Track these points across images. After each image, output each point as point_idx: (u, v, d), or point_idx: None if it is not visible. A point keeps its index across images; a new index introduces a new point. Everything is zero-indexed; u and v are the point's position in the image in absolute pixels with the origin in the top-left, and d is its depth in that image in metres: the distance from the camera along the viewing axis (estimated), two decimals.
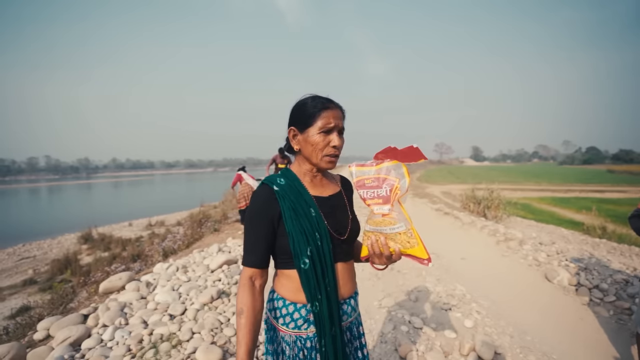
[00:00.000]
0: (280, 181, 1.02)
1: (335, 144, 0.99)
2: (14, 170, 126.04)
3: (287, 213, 0.97)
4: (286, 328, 1.00)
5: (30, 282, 6.77)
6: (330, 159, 1.01)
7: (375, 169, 0.97)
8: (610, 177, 30.40)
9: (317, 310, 0.97)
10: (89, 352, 2.32)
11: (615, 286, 3.23)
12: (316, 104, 0.99)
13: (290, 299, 1.01)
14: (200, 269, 3.94)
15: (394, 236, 0.92)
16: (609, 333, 2.67)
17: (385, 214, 0.93)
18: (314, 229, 0.97)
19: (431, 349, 2.35)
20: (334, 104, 1.01)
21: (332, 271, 0.99)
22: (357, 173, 0.99)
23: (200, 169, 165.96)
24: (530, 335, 2.60)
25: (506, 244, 5.02)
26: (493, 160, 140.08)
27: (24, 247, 10.95)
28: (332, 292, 0.99)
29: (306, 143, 1.00)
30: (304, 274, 0.96)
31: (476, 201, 8.43)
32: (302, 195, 1.01)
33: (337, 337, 0.99)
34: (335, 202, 1.08)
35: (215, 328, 2.56)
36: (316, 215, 1.00)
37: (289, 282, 1.01)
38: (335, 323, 0.99)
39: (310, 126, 0.99)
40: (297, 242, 0.95)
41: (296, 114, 1.02)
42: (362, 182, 0.98)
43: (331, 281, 0.99)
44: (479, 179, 20.91)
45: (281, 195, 0.99)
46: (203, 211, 9.38)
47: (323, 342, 0.97)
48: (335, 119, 0.98)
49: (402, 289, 3.36)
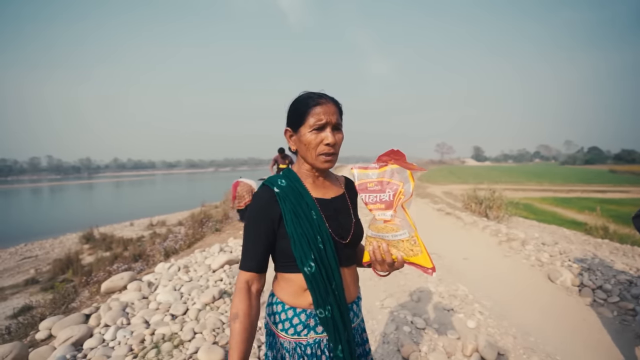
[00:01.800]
0: (282, 182, 0.99)
1: (328, 141, 0.93)
2: (16, 170, 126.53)
3: (287, 216, 0.93)
4: (285, 334, 0.97)
5: (32, 282, 6.79)
6: (325, 158, 0.96)
7: (378, 172, 0.93)
8: (612, 178, 30.29)
9: (329, 314, 0.93)
10: (91, 352, 2.31)
11: (619, 287, 3.21)
12: (307, 102, 0.94)
13: (290, 304, 0.97)
14: (202, 269, 3.93)
15: (397, 243, 0.88)
16: (613, 334, 2.65)
17: (387, 220, 0.89)
18: (315, 233, 0.94)
19: (434, 349, 2.34)
20: (326, 99, 0.95)
21: (339, 275, 0.96)
22: (359, 176, 0.95)
23: (202, 169, 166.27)
24: (533, 336, 2.58)
25: (508, 244, 5.00)
26: (494, 160, 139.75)
27: (26, 247, 10.99)
28: (340, 296, 0.95)
29: (300, 143, 0.97)
30: (311, 278, 0.92)
31: (478, 201, 8.41)
32: (304, 197, 0.98)
33: (352, 342, 0.96)
34: (338, 204, 1.04)
35: (217, 328, 2.56)
36: (317, 218, 0.96)
37: (288, 286, 0.98)
38: (348, 328, 0.96)
39: (301, 125, 0.95)
40: (300, 245, 0.92)
41: (289, 113, 0.99)
42: (365, 186, 0.94)
43: (339, 285, 0.95)
44: (480, 179, 20.88)
45: (282, 198, 0.95)
46: (204, 211, 9.39)
47: (340, 348, 0.93)
48: (327, 115, 0.93)
49: (404, 290, 3.35)
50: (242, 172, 12.14)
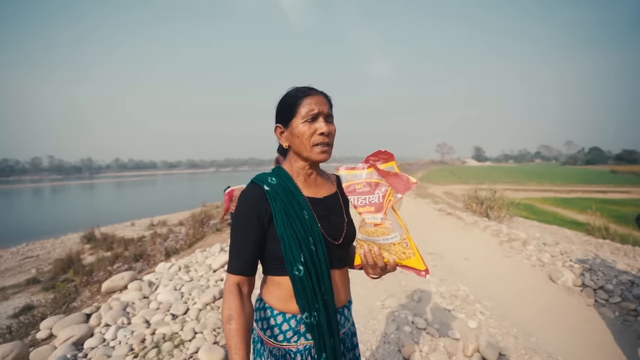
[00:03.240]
0: (272, 180, 0.95)
1: (322, 130, 0.91)
2: (17, 170, 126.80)
3: (278, 215, 0.89)
4: (274, 341, 0.93)
5: (34, 282, 6.80)
6: (322, 149, 0.93)
7: (366, 173, 0.89)
8: (613, 178, 30.24)
9: (315, 321, 0.89)
10: (92, 352, 2.32)
11: (621, 287, 3.20)
12: (296, 94, 0.93)
13: (279, 309, 0.93)
14: (203, 269, 3.93)
15: (388, 247, 0.86)
16: (615, 334, 2.64)
17: (378, 223, 0.85)
18: (307, 233, 0.90)
19: (435, 349, 2.33)
20: (315, 91, 0.94)
21: (329, 278, 0.92)
22: (346, 177, 0.91)
23: (203, 169, 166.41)
24: (534, 336, 2.58)
25: (509, 244, 4.99)
26: (495, 160, 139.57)
27: (28, 247, 11.01)
28: (329, 301, 0.92)
29: (292, 136, 0.93)
30: (298, 282, 0.88)
31: (479, 201, 8.41)
32: (295, 196, 0.94)
33: (337, 349, 0.93)
34: (330, 204, 1.01)
35: (217, 328, 2.56)
36: (309, 218, 0.92)
37: (278, 290, 0.93)
38: (334, 334, 0.92)
39: (293, 117, 0.92)
40: (289, 247, 0.88)
41: (278, 109, 0.97)
42: (353, 188, 0.89)
43: (328, 289, 0.92)
44: (481, 179, 20.86)
45: (272, 196, 0.91)
46: (205, 211, 9.40)
47: (324, 355, 0.90)
48: (319, 105, 0.91)
49: (405, 289, 3.34)
50: (243, 173, 12.04)
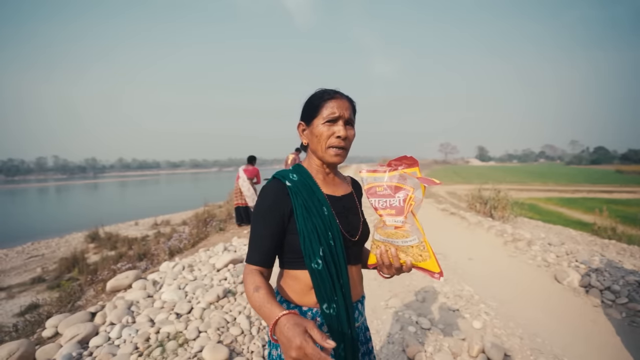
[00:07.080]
0: (293, 177, 0.99)
1: (340, 134, 0.94)
2: (23, 170, 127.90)
3: (299, 210, 0.93)
4: None
5: (39, 280, 6.85)
6: (336, 151, 0.96)
7: (387, 176, 0.91)
8: (619, 178, 29.96)
9: (334, 312, 0.92)
10: (97, 350, 2.33)
11: (628, 288, 3.16)
12: (322, 95, 0.97)
13: (296, 302, 0.96)
14: (206, 268, 3.94)
15: (406, 249, 0.88)
16: (622, 336, 2.61)
17: (398, 226, 0.88)
18: (326, 228, 0.93)
19: (439, 350, 2.32)
20: (340, 95, 0.98)
21: (346, 272, 0.95)
22: (368, 179, 0.94)
23: (205, 169, 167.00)
24: (540, 337, 2.55)
25: (514, 244, 4.95)
26: (499, 160, 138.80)
27: (33, 246, 11.09)
28: (347, 294, 0.95)
29: (312, 135, 0.98)
30: (317, 275, 0.91)
31: (482, 201, 8.36)
32: (315, 193, 0.97)
33: (355, 340, 0.96)
34: (347, 203, 1.05)
35: (221, 327, 2.56)
36: (329, 214, 0.96)
37: (295, 284, 0.96)
38: (352, 326, 0.95)
39: (315, 117, 0.97)
40: (309, 241, 0.91)
41: (304, 108, 1.02)
42: (374, 190, 0.92)
43: (346, 282, 0.95)
44: (484, 179, 20.75)
45: (294, 192, 0.95)
46: (208, 210, 9.42)
47: (342, 346, 0.92)
48: (341, 109, 0.95)
49: (409, 289, 3.33)
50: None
